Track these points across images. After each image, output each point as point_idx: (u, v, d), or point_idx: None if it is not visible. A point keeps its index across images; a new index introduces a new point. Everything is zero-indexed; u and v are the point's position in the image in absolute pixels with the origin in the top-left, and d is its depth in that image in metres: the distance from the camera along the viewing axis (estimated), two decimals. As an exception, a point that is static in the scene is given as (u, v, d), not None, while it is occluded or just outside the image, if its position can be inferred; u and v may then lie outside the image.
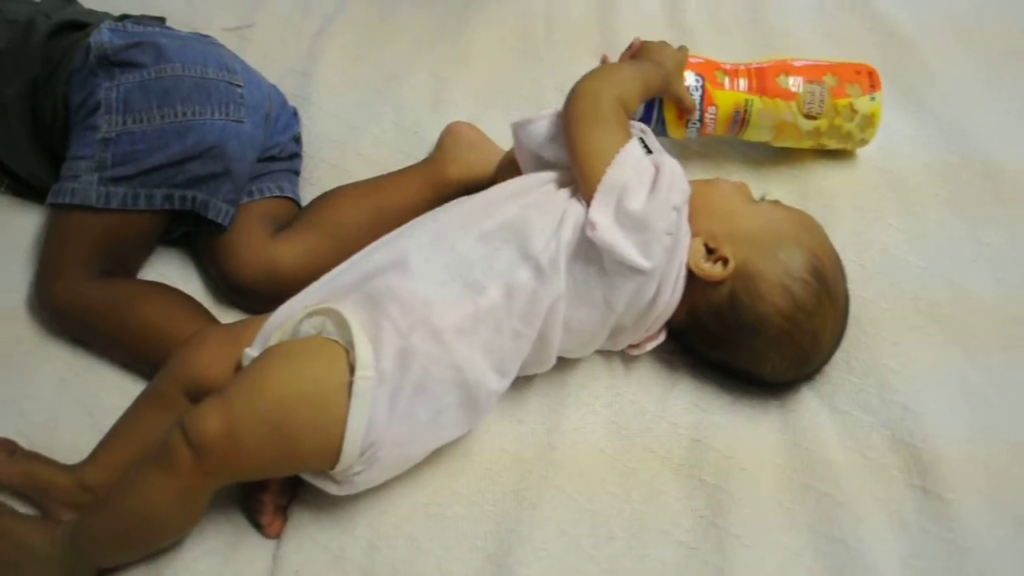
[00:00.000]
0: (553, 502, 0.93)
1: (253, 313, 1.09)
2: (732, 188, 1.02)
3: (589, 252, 0.90)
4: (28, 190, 1.18)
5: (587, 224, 0.89)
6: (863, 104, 1.14)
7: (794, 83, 1.13)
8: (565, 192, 0.95)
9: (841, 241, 1.04)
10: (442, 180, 1.15)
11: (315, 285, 0.94)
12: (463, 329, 0.87)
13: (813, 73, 1.14)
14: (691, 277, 0.95)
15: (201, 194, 1.07)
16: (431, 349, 0.86)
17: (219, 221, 1.08)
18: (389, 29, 1.44)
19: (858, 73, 1.15)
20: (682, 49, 1.13)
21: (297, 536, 0.91)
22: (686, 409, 1.00)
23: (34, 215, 1.17)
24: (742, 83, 1.14)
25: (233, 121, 1.08)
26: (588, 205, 0.90)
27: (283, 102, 1.22)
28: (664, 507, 0.93)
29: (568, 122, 0.95)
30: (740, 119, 1.14)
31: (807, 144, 1.18)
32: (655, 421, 0.99)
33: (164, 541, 0.88)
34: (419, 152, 1.25)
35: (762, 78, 1.14)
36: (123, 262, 1.09)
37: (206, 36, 1.18)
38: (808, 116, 1.14)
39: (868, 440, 0.97)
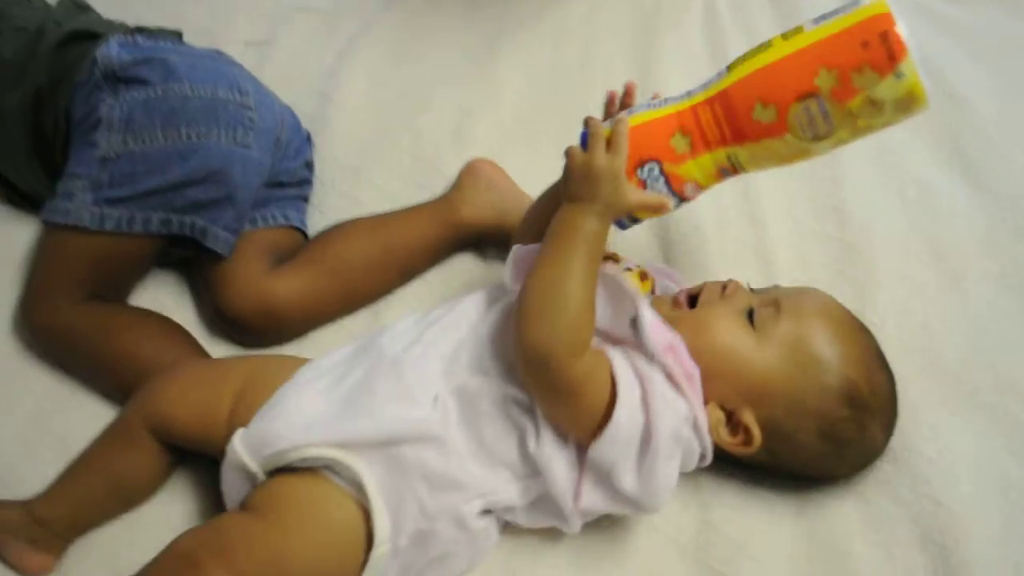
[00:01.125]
0: (549, 579, 0.87)
1: (245, 347, 1.05)
2: (725, 321, 0.86)
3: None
4: (24, 201, 1.14)
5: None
6: (887, 90, 0.77)
7: (775, 111, 0.80)
8: None
9: (880, 310, 0.97)
10: (453, 221, 1.09)
11: (330, 405, 0.85)
12: (487, 512, 0.85)
13: (798, 83, 0.79)
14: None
15: (201, 220, 1.02)
16: (455, 535, 0.83)
17: (217, 250, 1.03)
18: (416, 53, 1.38)
19: (865, 46, 0.77)
20: (618, 126, 0.83)
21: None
22: (698, 487, 0.93)
23: (29, 227, 1.13)
24: (712, 136, 0.83)
25: (240, 146, 1.03)
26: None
27: (296, 126, 1.17)
28: (666, 591, 0.87)
29: (529, 378, 0.81)
30: (732, 171, 0.86)
31: (846, 142, 0.83)
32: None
33: None
34: (435, 185, 1.19)
35: (733, 119, 0.82)
36: (114, 286, 1.04)
37: (221, 54, 1.13)
38: (817, 139, 0.82)
39: (894, 534, 0.89)
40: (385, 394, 0.84)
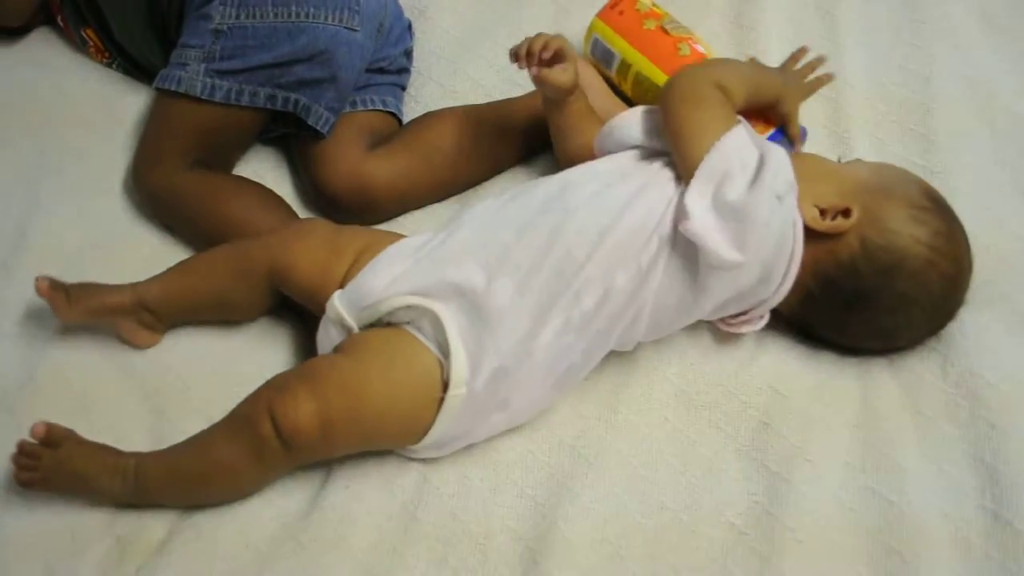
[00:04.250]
0: (608, 463, 0.92)
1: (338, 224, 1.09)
2: (817, 156, 1.02)
3: (687, 247, 0.88)
4: (138, 71, 1.19)
5: (680, 212, 0.87)
6: None
7: None
8: (670, 178, 0.92)
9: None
10: (543, 116, 1.11)
11: (417, 261, 0.91)
12: (551, 343, 0.89)
13: None
14: (811, 242, 0.91)
15: (304, 98, 1.06)
16: (522, 368, 0.88)
17: (318, 128, 1.07)
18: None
19: None
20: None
21: (351, 457, 0.92)
22: (760, 389, 0.97)
23: (142, 96, 1.18)
24: None
25: (346, 28, 1.06)
26: (685, 189, 0.88)
27: (399, 14, 1.19)
28: (721, 486, 0.91)
29: (666, 108, 0.93)
30: None
31: None
32: (726, 397, 0.96)
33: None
34: (528, 82, 1.20)
35: None
36: (219, 155, 1.09)
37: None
38: None
39: (948, 453, 0.92)
40: (461, 251, 0.90)
